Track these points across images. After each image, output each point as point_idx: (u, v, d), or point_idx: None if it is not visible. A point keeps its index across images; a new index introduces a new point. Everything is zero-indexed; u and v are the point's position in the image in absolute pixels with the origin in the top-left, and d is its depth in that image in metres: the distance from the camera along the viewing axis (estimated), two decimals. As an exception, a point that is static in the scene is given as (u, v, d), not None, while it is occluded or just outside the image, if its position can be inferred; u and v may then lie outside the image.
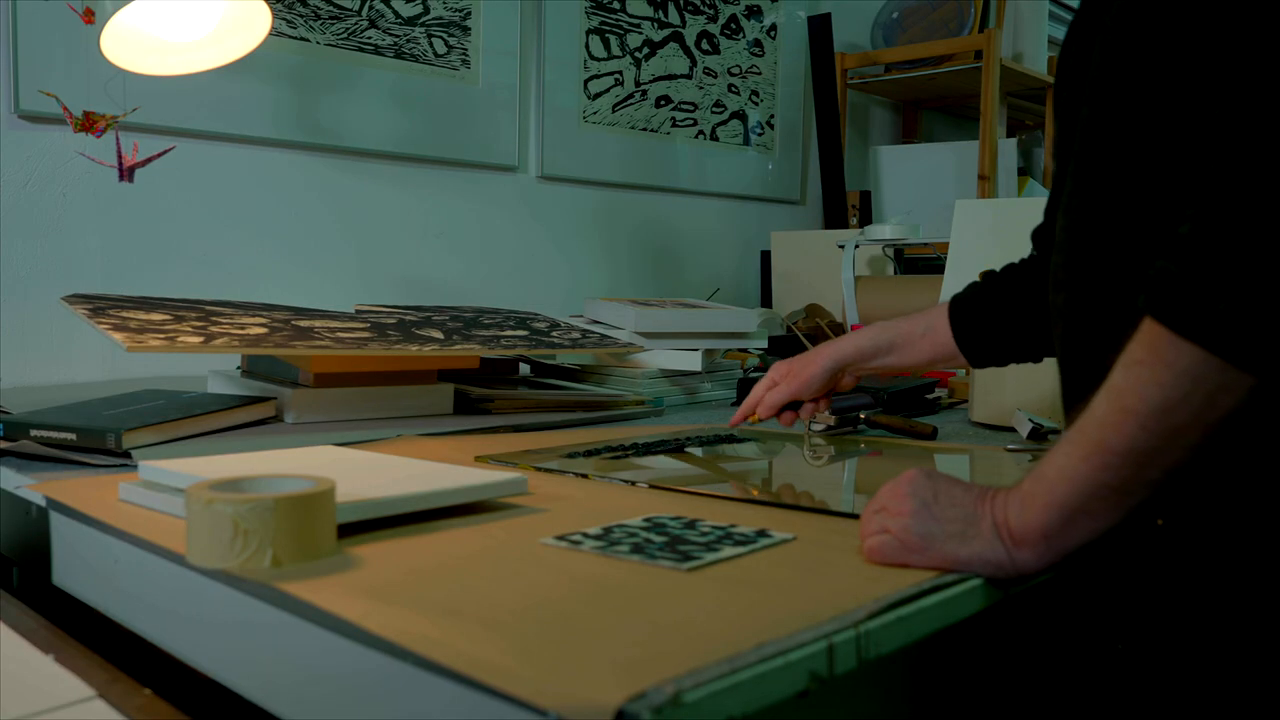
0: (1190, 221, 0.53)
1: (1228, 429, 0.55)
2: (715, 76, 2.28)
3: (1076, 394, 0.74)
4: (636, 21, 2.09)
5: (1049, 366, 0.84)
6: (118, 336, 0.95)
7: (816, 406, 1.10)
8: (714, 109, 2.29)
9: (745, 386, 1.49)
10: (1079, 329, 0.73)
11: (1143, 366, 0.55)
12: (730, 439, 1.15)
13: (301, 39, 1.58)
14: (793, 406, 1.09)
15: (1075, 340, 0.73)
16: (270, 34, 1.26)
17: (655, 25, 2.14)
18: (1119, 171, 0.68)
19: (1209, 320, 0.51)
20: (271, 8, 1.23)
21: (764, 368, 1.72)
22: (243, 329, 1.07)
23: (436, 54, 1.75)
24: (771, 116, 2.45)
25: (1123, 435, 0.56)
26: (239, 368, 1.30)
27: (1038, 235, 0.96)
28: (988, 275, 1.02)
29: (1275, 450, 0.61)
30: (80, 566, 0.76)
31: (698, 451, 1.06)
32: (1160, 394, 0.54)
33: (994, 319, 0.99)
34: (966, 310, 1.01)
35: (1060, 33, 2.91)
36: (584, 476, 0.92)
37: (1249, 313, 0.50)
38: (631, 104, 2.09)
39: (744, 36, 2.36)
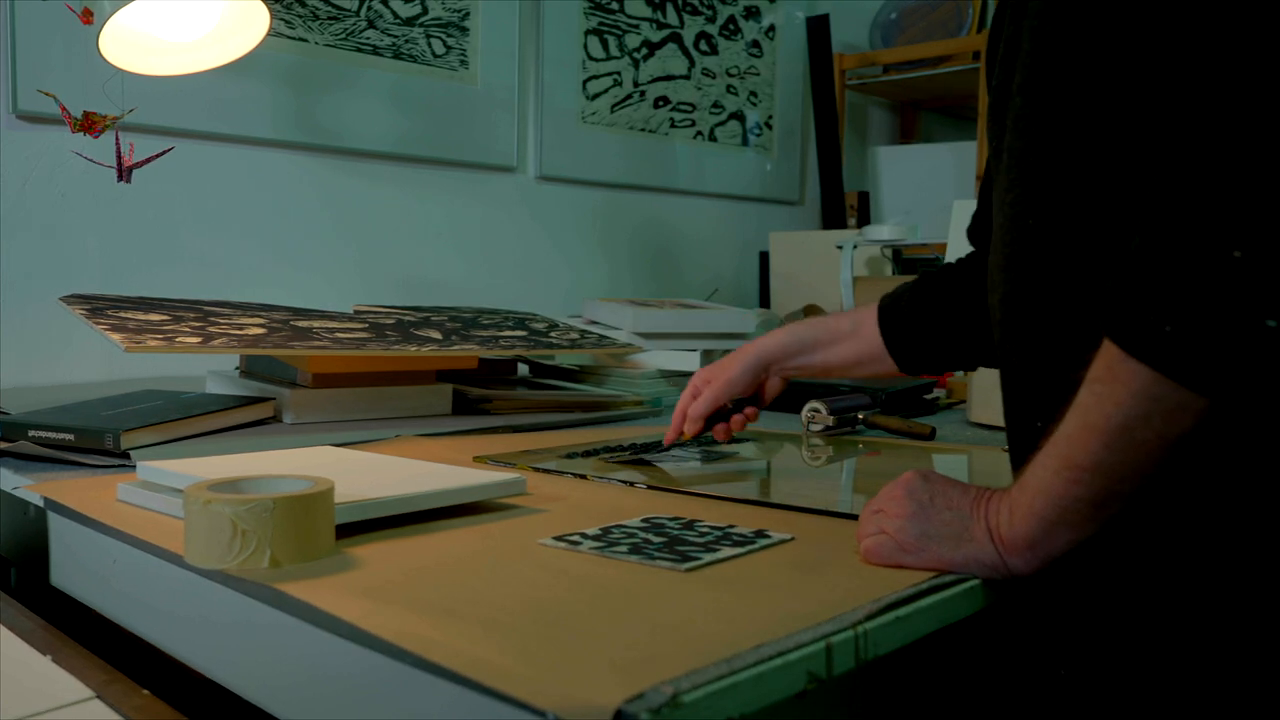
0: (1140, 235, 0.52)
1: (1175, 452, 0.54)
2: (714, 77, 2.29)
3: (1015, 395, 0.73)
4: (635, 22, 2.10)
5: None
6: (116, 337, 0.95)
7: (747, 416, 1.00)
8: (712, 109, 2.29)
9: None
10: (1015, 329, 0.71)
11: (1103, 385, 0.54)
12: (729, 439, 1.15)
13: (300, 39, 1.58)
14: (723, 417, 1.00)
15: (1012, 341, 0.72)
16: (269, 34, 1.26)
17: (654, 26, 2.14)
18: (1054, 168, 0.66)
19: (1156, 342, 0.51)
20: (270, 8, 1.23)
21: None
22: (241, 329, 1.07)
23: (435, 54, 1.75)
24: (770, 117, 2.45)
25: (1088, 452, 0.56)
26: (237, 368, 1.30)
27: (973, 231, 0.90)
28: (924, 275, 0.95)
29: (1217, 474, 0.61)
30: (78, 567, 0.76)
31: (696, 459, 1.06)
32: (1120, 413, 0.54)
33: (926, 322, 0.92)
34: (896, 311, 0.93)
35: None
36: (582, 477, 0.92)
37: (1196, 336, 0.50)
38: (630, 104, 2.09)
39: (742, 37, 2.36)
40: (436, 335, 1.21)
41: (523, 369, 1.59)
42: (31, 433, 0.95)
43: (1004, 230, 0.71)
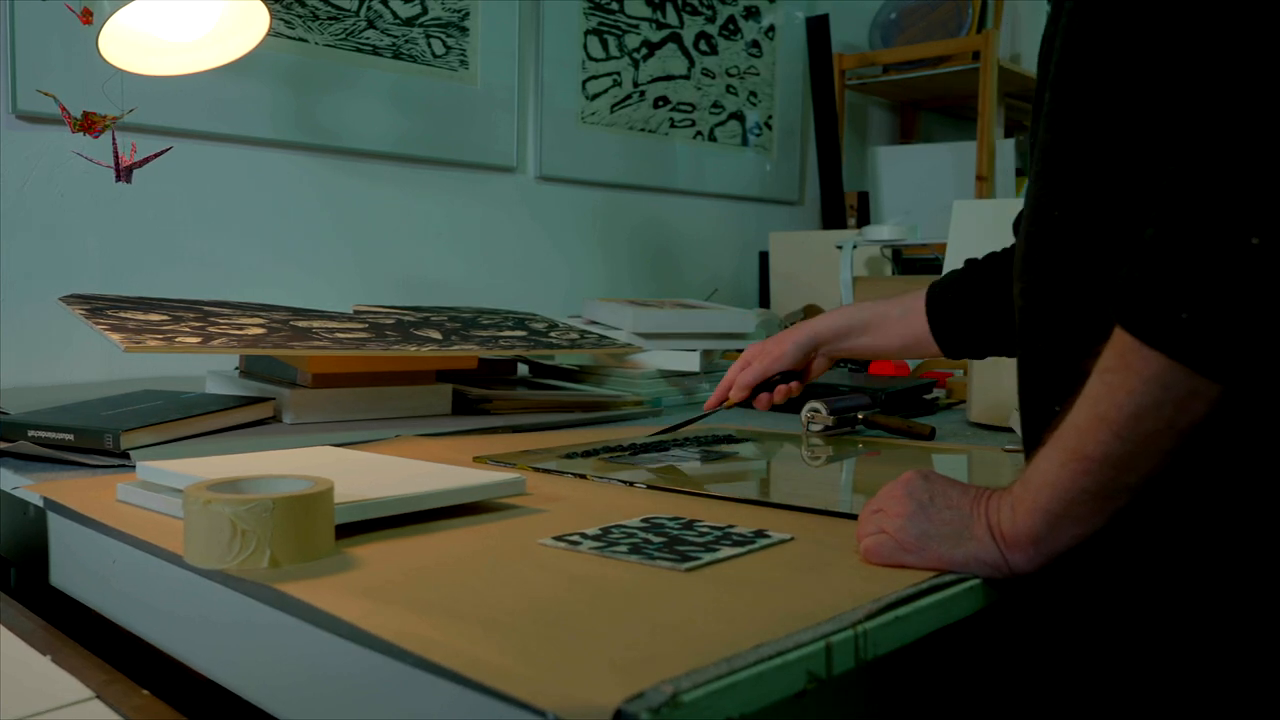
0: (1154, 225, 0.53)
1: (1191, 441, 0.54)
2: (713, 77, 2.28)
3: (1031, 381, 0.74)
4: (635, 22, 2.09)
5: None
6: (115, 337, 0.95)
7: (790, 389, 1.07)
8: (712, 109, 2.29)
9: (743, 387, 1.49)
10: (1034, 317, 0.72)
11: (1114, 374, 0.55)
12: (729, 439, 1.15)
13: (300, 39, 1.57)
14: (767, 388, 1.07)
15: (1031, 328, 0.73)
16: (269, 34, 1.26)
17: (653, 26, 2.14)
18: (1079, 161, 0.67)
19: (1171, 329, 0.51)
20: (270, 8, 1.23)
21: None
22: (241, 329, 1.07)
23: (435, 54, 1.75)
24: (770, 117, 2.45)
25: (1098, 442, 0.56)
26: (237, 368, 1.30)
27: (1018, 223, 0.92)
28: (970, 263, 1.00)
29: (1219, 474, 0.61)
30: (78, 567, 0.76)
31: (696, 459, 1.06)
32: (1131, 401, 0.54)
33: (970, 308, 0.96)
34: (944, 297, 0.99)
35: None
36: (582, 477, 0.92)
37: (1211, 321, 0.50)
38: (630, 104, 2.09)
39: (742, 37, 2.36)
40: (436, 335, 1.21)
41: (522, 369, 1.59)
42: (31, 433, 0.95)
43: (1029, 221, 0.73)
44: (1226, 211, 0.50)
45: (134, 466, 0.82)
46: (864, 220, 2.48)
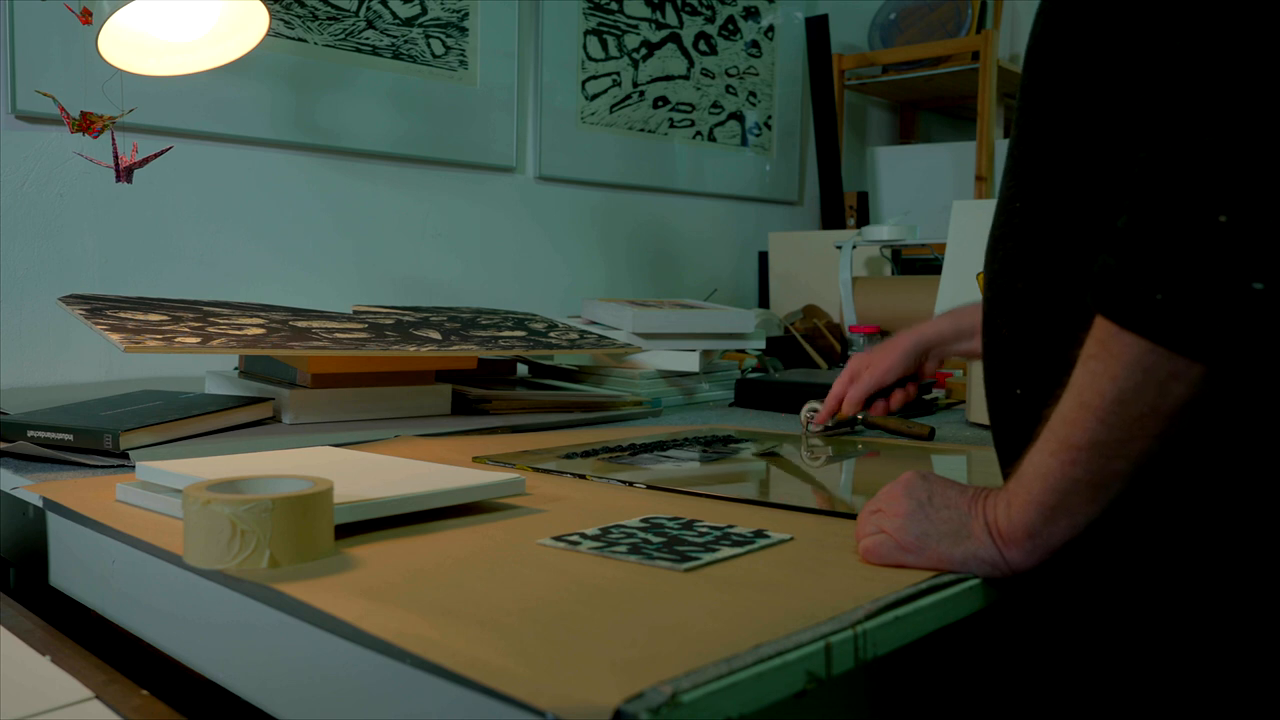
0: (1126, 213, 0.53)
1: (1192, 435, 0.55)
2: (713, 77, 2.29)
3: (995, 366, 0.75)
4: (634, 22, 2.10)
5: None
6: (115, 337, 0.95)
7: (906, 394, 1.08)
8: (711, 110, 2.29)
9: (744, 387, 1.49)
10: (998, 303, 0.73)
11: (1095, 361, 0.55)
12: (729, 439, 1.15)
13: (299, 40, 1.57)
14: (882, 395, 1.09)
15: (995, 314, 0.74)
16: (268, 34, 1.26)
17: (653, 26, 2.14)
18: (1043, 156, 0.68)
19: (1147, 310, 0.52)
20: (269, 8, 1.23)
21: (762, 368, 1.72)
22: (240, 330, 1.07)
23: (434, 55, 1.75)
24: (769, 117, 2.45)
25: (1084, 430, 0.56)
26: (236, 368, 1.30)
27: None
28: None
29: (1217, 472, 0.61)
30: (77, 567, 0.76)
31: (695, 459, 1.06)
32: (1113, 387, 0.54)
33: None
34: None
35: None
36: (582, 477, 0.92)
37: (1186, 300, 0.50)
38: (629, 105, 2.09)
39: (741, 37, 2.36)
40: (436, 335, 1.21)
41: (522, 369, 1.59)
42: (30, 433, 0.95)
43: (996, 213, 0.75)
44: (1193, 192, 0.50)
45: (133, 466, 0.82)
46: (863, 220, 2.48)
